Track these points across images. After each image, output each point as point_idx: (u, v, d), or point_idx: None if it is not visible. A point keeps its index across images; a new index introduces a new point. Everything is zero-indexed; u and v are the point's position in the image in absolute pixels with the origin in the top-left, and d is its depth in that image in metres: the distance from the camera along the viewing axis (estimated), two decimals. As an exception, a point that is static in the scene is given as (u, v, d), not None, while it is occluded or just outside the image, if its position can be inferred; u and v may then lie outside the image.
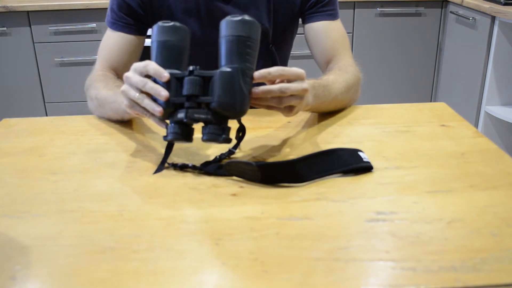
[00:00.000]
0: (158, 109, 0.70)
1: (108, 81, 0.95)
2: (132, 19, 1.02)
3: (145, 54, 1.10)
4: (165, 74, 0.70)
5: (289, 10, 1.08)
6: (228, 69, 0.70)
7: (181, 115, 0.70)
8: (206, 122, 0.71)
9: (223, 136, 0.70)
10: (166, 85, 0.70)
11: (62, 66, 2.45)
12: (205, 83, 0.70)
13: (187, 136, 0.72)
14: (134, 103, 0.73)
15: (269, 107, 0.76)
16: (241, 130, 0.78)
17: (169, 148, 0.77)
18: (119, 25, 1.02)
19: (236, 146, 0.80)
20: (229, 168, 0.73)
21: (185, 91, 0.70)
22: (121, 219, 0.63)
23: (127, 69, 1.05)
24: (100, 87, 0.93)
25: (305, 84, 0.74)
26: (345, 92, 0.94)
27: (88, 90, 0.98)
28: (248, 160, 0.75)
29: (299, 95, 0.74)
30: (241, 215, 0.63)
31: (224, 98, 0.69)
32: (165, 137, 0.72)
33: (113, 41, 1.03)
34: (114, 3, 1.02)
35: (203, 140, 0.71)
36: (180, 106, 0.70)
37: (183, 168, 0.75)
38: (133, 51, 1.04)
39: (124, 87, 0.74)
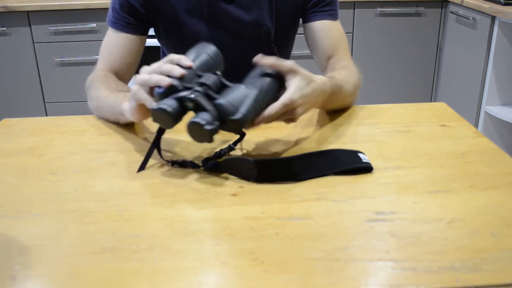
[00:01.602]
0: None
1: (109, 83, 0.95)
2: (134, 19, 1.02)
3: (146, 54, 1.10)
4: (187, 62, 0.72)
5: (291, 10, 1.08)
6: (258, 92, 0.72)
7: (186, 92, 0.70)
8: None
9: (210, 127, 0.68)
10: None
11: (62, 66, 2.45)
12: (221, 87, 0.72)
13: (174, 116, 0.69)
14: (139, 90, 0.73)
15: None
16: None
17: (156, 143, 0.77)
18: (120, 24, 1.02)
19: (236, 143, 0.79)
20: (225, 165, 0.73)
21: (202, 79, 0.71)
22: (121, 219, 0.63)
23: (129, 69, 1.05)
24: (100, 88, 0.93)
25: (296, 112, 0.75)
26: (351, 94, 0.96)
27: (88, 90, 0.98)
28: (246, 157, 0.75)
29: (288, 119, 0.77)
30: (241, 215, 0.63)
31: (250, 115, 0.70)
32: (153, 110, 0.69)
33: (114, 41, 1.03)
34: (116, 2, 1.02)
35: (188, 125, 0.69)
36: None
37: (182, 165, 0.75)
38: (135, 51, 1.04)
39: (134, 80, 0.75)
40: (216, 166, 0.74)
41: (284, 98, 0.73)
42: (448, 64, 2.52)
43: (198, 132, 0.69)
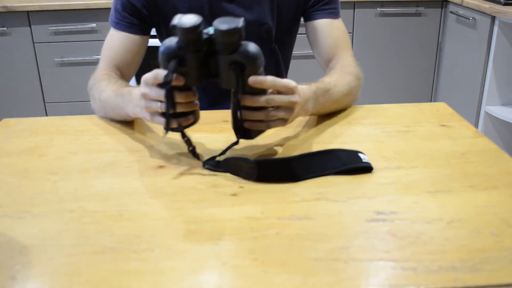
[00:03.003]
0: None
1: (113, 82, 0.95)
2: (136, 19, 1.02)
3: (148, 54, 1.10)
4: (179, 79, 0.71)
5: (292, 8, 1.08)
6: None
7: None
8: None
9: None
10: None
11: (62, 66, 2.45)
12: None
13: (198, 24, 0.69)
14: (156, 114, 0.74)
15: (260, 126, 0.75)
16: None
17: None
18: (123, 25, 1.02)
19: (237, 142, 0.78)
20: (226, 165, 0.73)
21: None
22: (121, 219, 0.63)
23: (131, 68, 1.05)
24: (104, 88, 0.93)
25: (295, 97, 0.74)
26: (346, 95, 0.95)
27: (91, 90, 0.98)
28: (246, 157, 0.75)
29: (289, 107, 0.75)
30: (241, 215, 0.63)
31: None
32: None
33: (117, 41, 1.03)
34: (118, 3, 1.02)
35: (220, 20, 0.69)
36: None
37: (192, 150, 0.76)
38: (137, 50, 1.04)
39: (145, 103, 0.74)
40: (217, 165, 0.74)
41: (286, 80, 0.74)
42: (448, 64, 2.52)
43: (230, 20, 0.69)
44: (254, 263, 0.54)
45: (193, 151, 0.77)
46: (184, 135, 0.75)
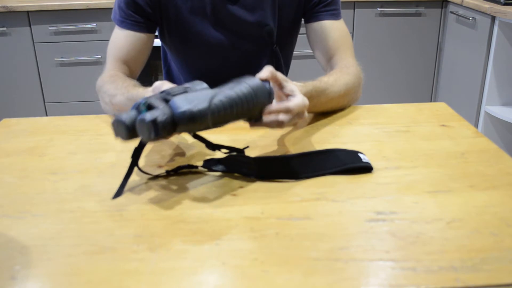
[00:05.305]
0: None
1: (120, 85, 0.94)
2: (140, 17, 1.02)
3: (153, 53, 1.10)
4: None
5: (293, 10, 1.08)
6: (218, 92, 0.66)
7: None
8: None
9: (151, 117, 0.61)
10: None
11: (62, 66, 2.45)
12: None
13: (129, 126, 0.63)
14: None
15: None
16: None
17: (134, 162, 0.71)
18: (128, 23, 1.02)
19: (238, 150, 0.78)
20: (226, 162, 0.73)
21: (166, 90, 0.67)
22: (121, 219, 0.63)
23: (138, 66, 1.06)
24: (114, 93, 0.92)
25: (305, 114, 0.75)
26: (343, 95, 0.95)
27: (99, 92, 0.98)
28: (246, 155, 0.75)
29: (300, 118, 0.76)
30: (241, 215, 0.63)
31: (202, 111, 0.63)
32: (112, 123, 0.65)
33: (123, 39, 1.02)
34: (122, 1, 1.02)
35: (136, 124, 0.63)
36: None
37: (178, 170, 0.74)
38: (144, 48, 1.04)
39: None
40: (217, 163, 0.74)
41: (299, 101, 0.74)
42: (448, 64, 2.52)
43: (144, 129, 0.62)
44: (254, 263, 0.54)
45: (187, 166, 0.74)
46: (168, 172, 0.74)
